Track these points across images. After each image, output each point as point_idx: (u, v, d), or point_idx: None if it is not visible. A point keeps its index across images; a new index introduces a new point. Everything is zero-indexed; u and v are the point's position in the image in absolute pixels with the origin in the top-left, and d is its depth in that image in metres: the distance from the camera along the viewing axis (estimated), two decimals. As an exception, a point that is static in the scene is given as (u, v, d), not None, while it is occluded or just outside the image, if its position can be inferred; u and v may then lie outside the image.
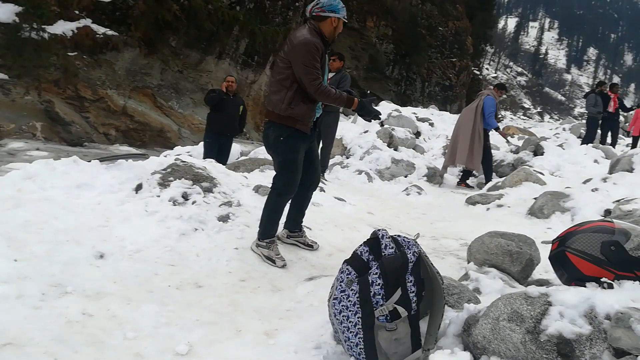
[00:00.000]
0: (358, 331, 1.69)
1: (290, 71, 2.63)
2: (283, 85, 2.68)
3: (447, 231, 4.17)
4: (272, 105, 2.74)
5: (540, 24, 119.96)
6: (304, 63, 2.57)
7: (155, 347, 1.81)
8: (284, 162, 2.78)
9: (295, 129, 2.71)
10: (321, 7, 2.68)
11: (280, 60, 2.70)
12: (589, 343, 1.42)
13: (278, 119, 2.71)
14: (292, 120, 2.69)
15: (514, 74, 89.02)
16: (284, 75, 2.67)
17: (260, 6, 13.53)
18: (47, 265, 2.29)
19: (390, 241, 1.76)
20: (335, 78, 5.90)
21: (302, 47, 2.58)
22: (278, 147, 2.76)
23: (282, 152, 2.76)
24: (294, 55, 2.60)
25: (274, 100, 2.73)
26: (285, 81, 2.67)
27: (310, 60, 2.57)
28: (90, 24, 10.06)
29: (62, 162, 3.51)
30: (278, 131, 2.72)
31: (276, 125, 2.73)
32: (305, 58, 2.56)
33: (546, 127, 23.41)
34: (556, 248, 2.08)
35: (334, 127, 6.11)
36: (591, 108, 10.43)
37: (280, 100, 2.68)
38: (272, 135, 2.76)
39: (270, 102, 2.78)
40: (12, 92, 9.07)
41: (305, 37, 2.61)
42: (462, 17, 26.83)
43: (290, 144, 2.73)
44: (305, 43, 2.58)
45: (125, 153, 8.49)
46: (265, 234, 2.87)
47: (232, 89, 6.45)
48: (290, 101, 2.67)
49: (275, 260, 2.80)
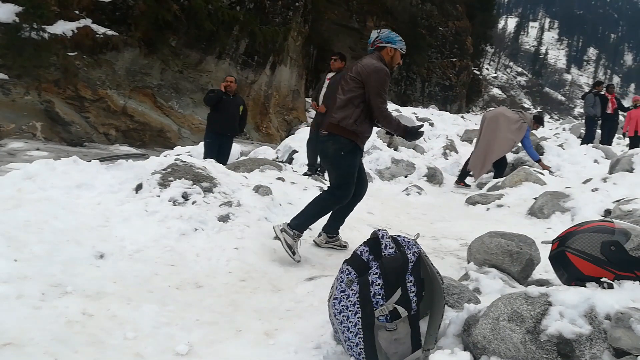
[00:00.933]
0: (358, 331, 1.69)
1: (362, 92, 2.92)
2: (352, 103, 2.94)
3: (447, 231, 4.17)
4: (337, 119, 2.96)
5: (540, 24, 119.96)
6: (378, 88, 2.88)
7: (155, 347, 1.80)
8: (345, 175, 3.00)
9: (356, 144, 2.98)
10: (379, 39, 3.05)
11: (352, 80, 2.96)
12: (589, 343, 1.42)
13: (342, 132, 2.94)
14: (354, 135, 2.96)
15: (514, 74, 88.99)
16: (354, 94, 2.93)
17: (260, 6, 13.53)
18: (47, 265, 2.29)
19: (390, 241, 1.76)
20: (336, 78, 5.86)
21: (377, 73, 2.88)
22: (339, 160, 2.98)
23: (343, 165, 2.99)
24: (369, 79, 2.89)
25: (340, 115, 2.96)
26: (355, 100, 2.93)
27: (383, 85, 2.90)
28: (90, 24, 10.06)
29: (62, 162, 3.51)
30: (339, 144, 2.95)
31: (338, 138, 2.96)
32: (378, 83, 2.88)
33: (546, 127, 23.39)
34: (556, 248, 2.09)
35: None
36: (589, 109, 10.41)
37: (348, 117, 2.93)
38: (332, 148, 2.98)
39: (334, 116, 2.99)
40: (12, 92, 9.07)
41: (380, 65, 2.92)
42: (462, 17, 26.86)
43: (350, 158, 2.98)
44: (380, 70, 2.90)
45: (125, 153, 8.50)
46: (300, 227, 2.96)
47: (231, 88, 6.43)
48: (357, 118, 2.94)
49: (295, 253, 2.88)
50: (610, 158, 7.13)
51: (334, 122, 2.98)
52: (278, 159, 7.93)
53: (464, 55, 27.11)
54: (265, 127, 14.63)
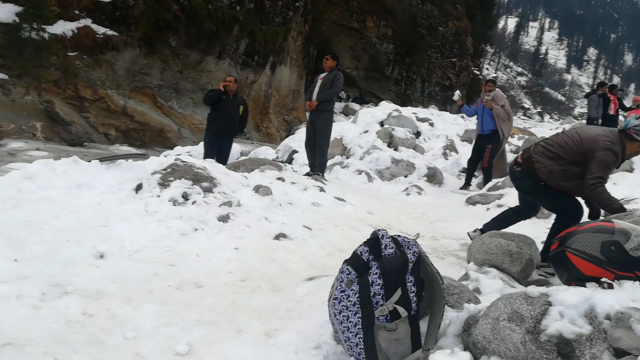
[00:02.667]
0: (358, 331, 1.69)
1: (582, 168, 2.74)
2: (565, 170, 2.79)
3: (447, 231, 4.17)
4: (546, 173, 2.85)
5: (540, 24, 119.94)
6: (604, 164, 2.66)
7: (155, 347, 1.80)
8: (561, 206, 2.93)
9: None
10: (637, 131, 2.71)
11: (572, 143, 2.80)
12: (589, 343, 1.42)
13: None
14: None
15: (514, 74, 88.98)
16: (573, 169, 2.78)
17: (260, 6, 13.54)
18: (47, 265, 2.29)
19: (390, 241, 1.76)
20: (328, 77, 5.86)
21: (609, 152, 2.66)
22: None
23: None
24: (596, 153, 2.67)
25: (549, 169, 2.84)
26: (570, 166, 2.78)
27: (610, 165, 2.68)
28: (90, 24, 10.07)
29: (62, 162, 3.51)
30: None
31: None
32: (607, 160, 2.66)
33: (546, 127, 23.40)
34: (556, 248, 2.09)
35: (329, 126, 6.08)
36: (593, 110, 10.31)
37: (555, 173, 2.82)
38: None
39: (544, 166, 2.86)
40: (12, 92, 9.07)
41: (614, 145, 2.68)
42: (462, 17, 26.85)
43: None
44: (614, 152, 2.67)
45: (126, 153, 8.48)
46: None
47: (230, 88, 6.39)
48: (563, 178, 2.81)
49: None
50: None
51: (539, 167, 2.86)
52: (278, 159, 7.94)
53: (464, 55, 27.10)
54: (265, 127, 14.63)
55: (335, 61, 6.00)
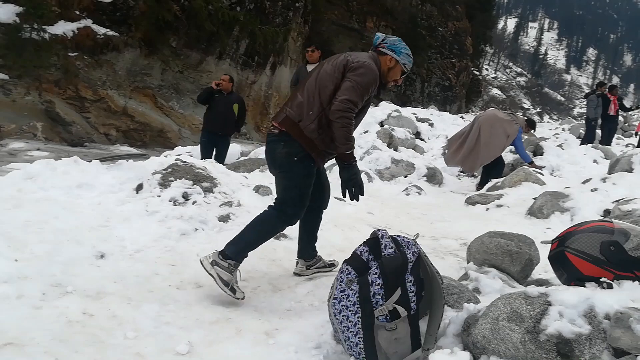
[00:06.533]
0: (358, 331, 1.69)
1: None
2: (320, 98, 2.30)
3: (447, 231, 4.17)
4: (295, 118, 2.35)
5: (540, 25, 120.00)
6: (357, 83, 2.23)
7: (156, 347, 1.81)
8: (299, 188, 2.36)
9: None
10: (384, 43, 2.46)
11: (333, 68, 2.33)
12: (589, 343, 1.42)
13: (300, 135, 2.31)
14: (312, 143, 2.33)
15: (513, 75, 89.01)
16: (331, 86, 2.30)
17: (260, 7, 13.56)
18: (48, 265, 2.29)
19: (390, 241, 1.77)
20: (317, 69, 5.60)
21: (366, 70, 2.26)
22: (290, 166, 2.33)
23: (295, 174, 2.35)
24: (353, 71, 2.26)
25: (296, 112, 2.34)
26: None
27: (365, 86, 2.25)
28: (91, 24, 10.08)
29: (62, 162, 3.51)
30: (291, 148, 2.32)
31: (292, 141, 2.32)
32: (361, 80, 2.24)
33: (545, 127, 23.41)
34: (555, 248, 2.09)
35: None
36: (591, 111, 10.33)
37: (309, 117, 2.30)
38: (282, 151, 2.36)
39: (290, 111, 2.37)
40: (12, 92, 9.09)
41: (373, 65, 2.31)
42: (462, 17, 26.89)
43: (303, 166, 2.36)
44: (371, 70, 2.28)
45: (126, 153, 8.50)
46: (238, 255, 2.27)
47: (223, 86, 6.31)
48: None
49: (236, 291, 2.21)
50: (609, 158, 7.13)
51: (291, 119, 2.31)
52: (278, 159, 7.92)
53: (464, 56, 27.14)
54: (265, 128, 14.63)
55: (320, 52, 5.61)
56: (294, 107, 2.33)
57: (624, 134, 15.90)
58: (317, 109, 2.29)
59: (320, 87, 2.31)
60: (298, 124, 2.29)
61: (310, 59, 5.60)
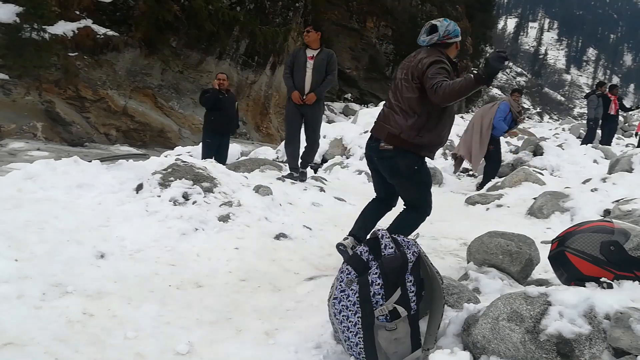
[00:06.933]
0: (358, 331, 1.69)
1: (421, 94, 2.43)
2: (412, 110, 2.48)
3: (447, 231, 4.17)
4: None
5: (540, 25, 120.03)
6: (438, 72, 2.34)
7: (156, 347, 1.81)
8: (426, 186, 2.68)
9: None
10: (448, 35, 2.53)
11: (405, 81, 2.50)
12: (589, 343, 1.42)
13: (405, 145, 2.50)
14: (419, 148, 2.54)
15: (513, 75, 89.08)
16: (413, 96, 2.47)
17: (260, 7, 13.56)
18: (48, 265, 2.29)
19: (390, 241, 1.77)
20: (321, 58, 4.76)
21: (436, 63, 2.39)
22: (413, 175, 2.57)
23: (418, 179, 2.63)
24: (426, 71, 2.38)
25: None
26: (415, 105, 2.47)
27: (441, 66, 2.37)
28: (91, 24, 10.09)
29: (62, 162, 3.51)
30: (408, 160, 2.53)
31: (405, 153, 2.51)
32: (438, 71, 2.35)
33: (545, 127, 23.42)
34: (555, 248, 2.09)
35: (322, 117, 5.31)
36: (591, 111, 10.32)
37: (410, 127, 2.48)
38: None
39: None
40: (12, 92, 9.09)
41: (437, 58, 2.42)
42: (462, 17, 26.89)
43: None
44: (439, 60, 2.41)
45: (126, 153, 8.50)
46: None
47: (224, 86, 6.33)
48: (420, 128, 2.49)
49: None
50: (609, 158, 7.13)
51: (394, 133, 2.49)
52: (278, 159, 7.94)
53: (464, 56, 27.13)
54: (265, 127, 14.65)
55: (319, 33, 4.81)
56: (392, 123, 2.54)
57: (624, 134, 15.92)
58: (413, 119, 2.47)
59: (403, 99, 2.50)
60: (400, 135, 2.49)
61: (308, 41, 4.85)
